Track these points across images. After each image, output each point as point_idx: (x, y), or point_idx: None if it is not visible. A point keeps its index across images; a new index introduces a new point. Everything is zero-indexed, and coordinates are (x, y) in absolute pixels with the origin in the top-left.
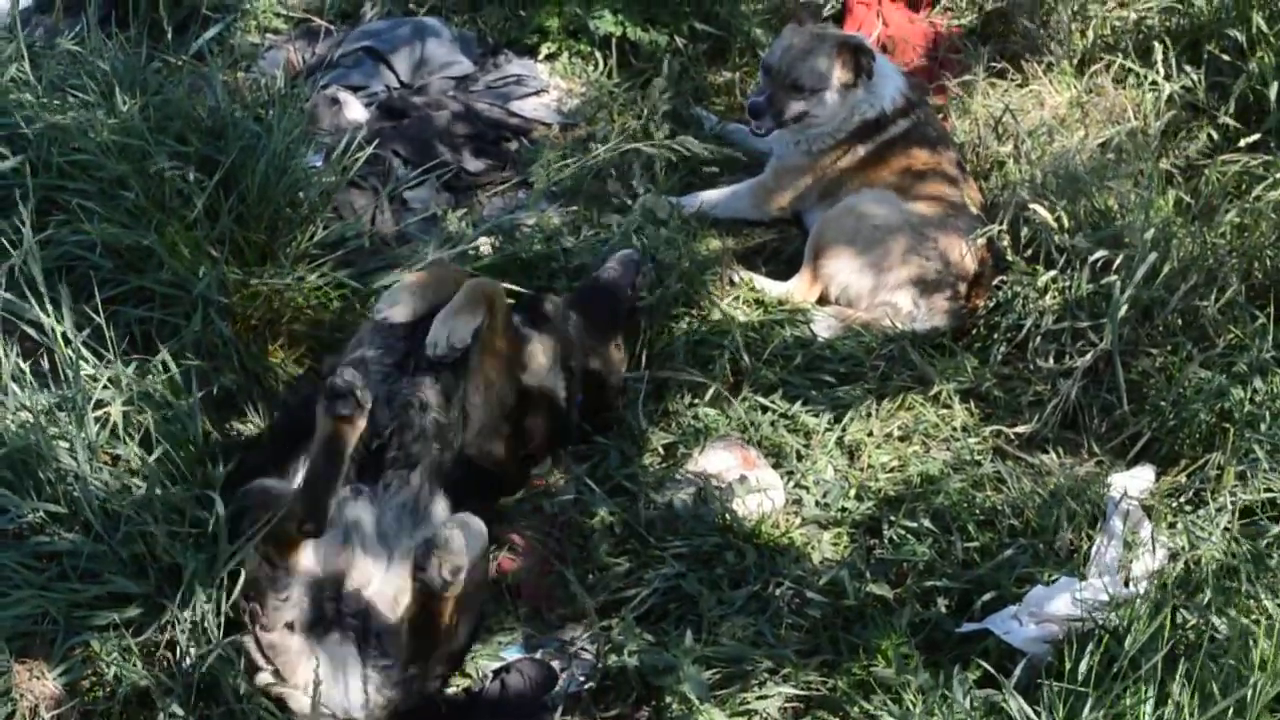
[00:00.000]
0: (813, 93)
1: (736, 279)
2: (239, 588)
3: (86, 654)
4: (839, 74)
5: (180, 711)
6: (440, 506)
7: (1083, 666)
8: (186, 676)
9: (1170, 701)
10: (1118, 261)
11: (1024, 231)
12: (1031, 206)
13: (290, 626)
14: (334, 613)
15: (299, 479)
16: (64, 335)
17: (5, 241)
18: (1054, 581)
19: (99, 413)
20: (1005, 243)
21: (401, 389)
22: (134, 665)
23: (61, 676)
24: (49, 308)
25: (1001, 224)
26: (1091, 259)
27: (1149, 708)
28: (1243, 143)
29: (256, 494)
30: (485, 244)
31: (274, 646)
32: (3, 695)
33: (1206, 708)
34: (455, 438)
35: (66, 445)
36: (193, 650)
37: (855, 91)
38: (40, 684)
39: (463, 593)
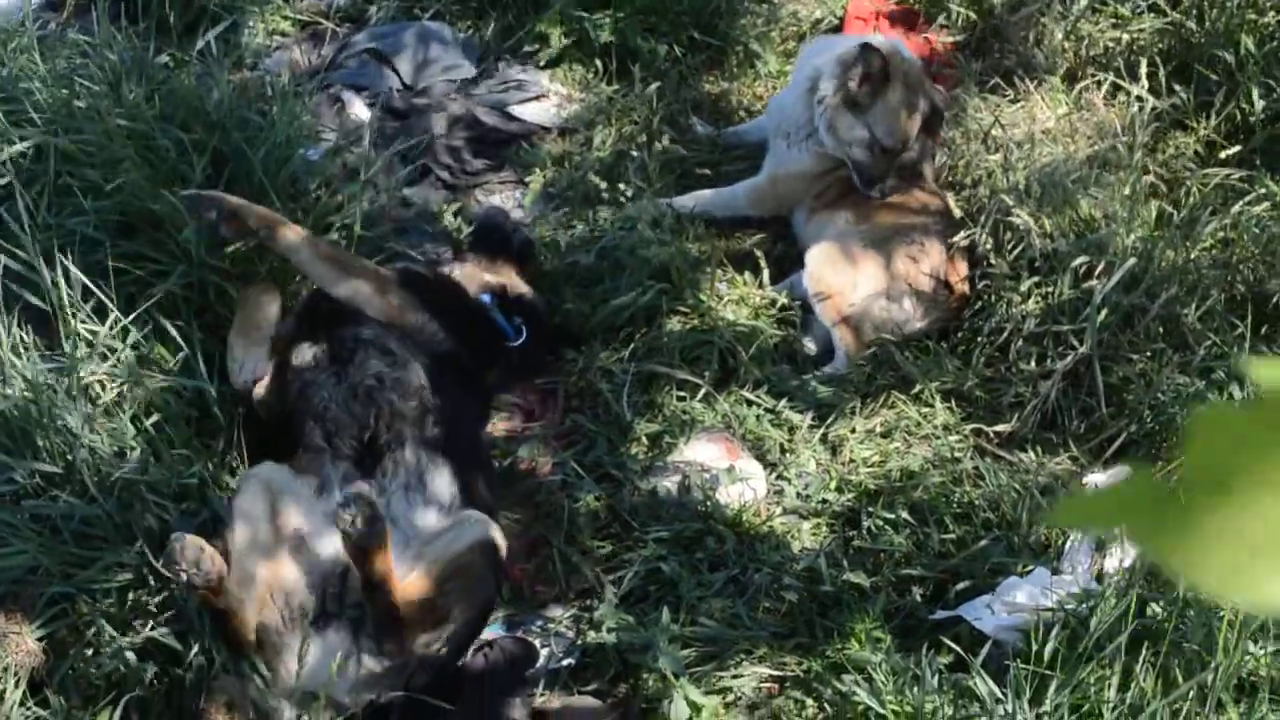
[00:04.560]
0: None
1: (726, 287)
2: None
3: (74, 614)
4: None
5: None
6: (441, 475)
7: (1049, 649)
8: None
9: (1134, 684)
10: (1099, 268)
11: (1006, 236)
12: (1014, 212)
13: (282, 619)
14: (336, 605)
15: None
16: (65, 301)
17: (10, 221)
18: (1028, 573)
19: (98, 374)
20: (988, 246)
21: (354, 379)
22: (114, 632)
23: (42, 629)
24: (55, 275)
25: (984, 227)
26: (1073, 264)
27: (1113, 689)
28: (1224, 154)
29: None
30: None
31: (261, 639)
32: None
33: (1169, 691)
34: (424, 387)
35: (63, 409)
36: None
37: None
38: (20, 640)
39: (449, 578)
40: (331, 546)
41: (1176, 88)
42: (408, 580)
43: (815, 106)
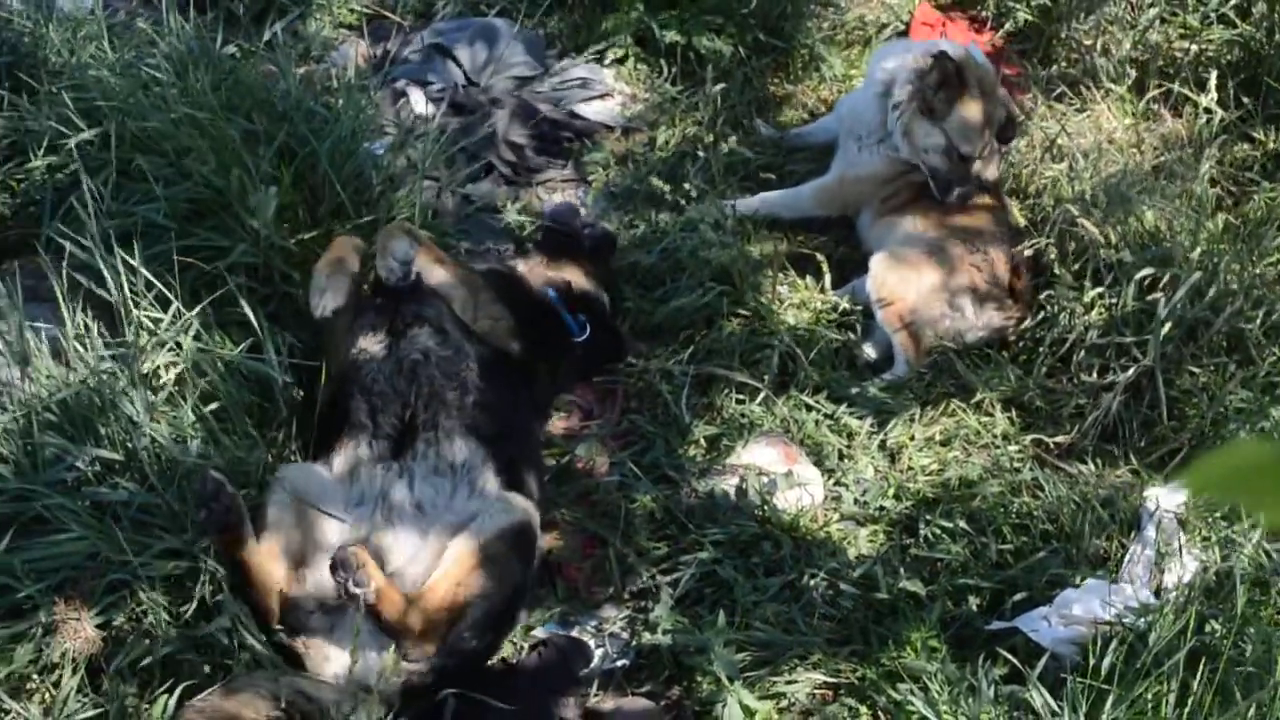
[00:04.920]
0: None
1: (787, 290)
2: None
3: (131, 602)
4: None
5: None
6: (475, 461)
7: (1106, 663)
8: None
9: (1191, 700)
10: (1164, 280)
11: (1071, 246)
12: (1081, 222)
13: (313, 608)
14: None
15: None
16: (128, 289)
17: (78, 207)
18: (1085, 584)
19: (161, 362)
20: (1053, 256)
21: (402, 352)
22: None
23: (100, 616)
24: (116, 264)
25: (1049, 237)
26: (1138, 276)
27: (1170, 705)
28: None
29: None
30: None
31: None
32: (47, 633)
33: (1227, 708)
34: (468, 369)
35: (125, 397)
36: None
37: None
38: (78, 627)
39: (468, 572)
40: (356, 534)
41: (1245, 100)
42: (427, 585)
43: (889, 112)
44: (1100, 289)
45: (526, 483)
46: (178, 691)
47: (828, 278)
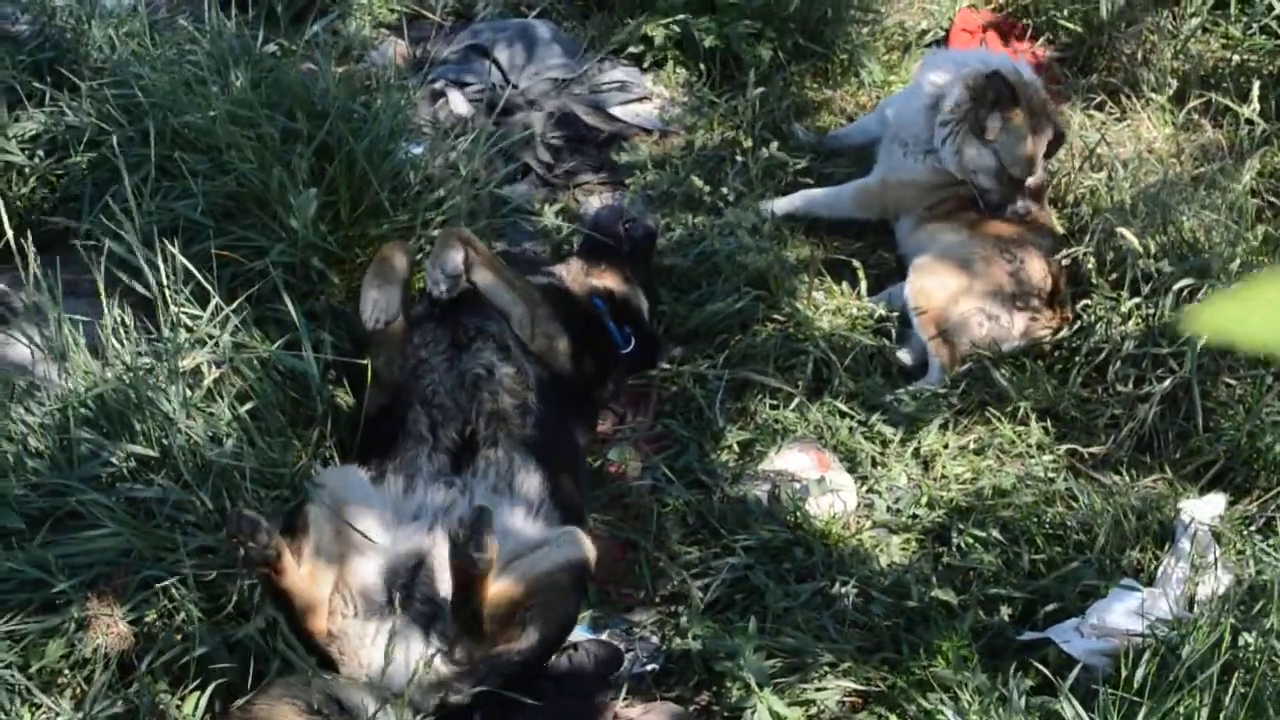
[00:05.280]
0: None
1: (823, 296)
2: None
3: (164, 599)
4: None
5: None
6: (532, 479)
7: (1139, 675)
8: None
9: (1223, 714)
10: (1202, 290)
11: (1109, 256)
12: (1119, 231)
13: (354, 613)
14: (404, 598)
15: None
16: (167, 284)
17: (114, 204)
18: (1112, 591)
19: (198, 359)
20: (1090, 265)
21: (465, 365)
22: (199, 618)
23: (132, 612)
24: (157, 261)
25: (1088, 246)
26: (1176, 286)
27: (1203, 718)
28: None
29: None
30: (579, 239)
31: (332, 634)
32: (79, 629)
33: None
34: (528, 388)
35: (161, 394)
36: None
37: None
38: (111, 623)
39: (534, 594)
40: (407, 544)
41: None
42: (492, 590)
43: (937, 127)
44: (1138, 299)
45: (580, 507)
46: (209, 690)
47: (863, 284)
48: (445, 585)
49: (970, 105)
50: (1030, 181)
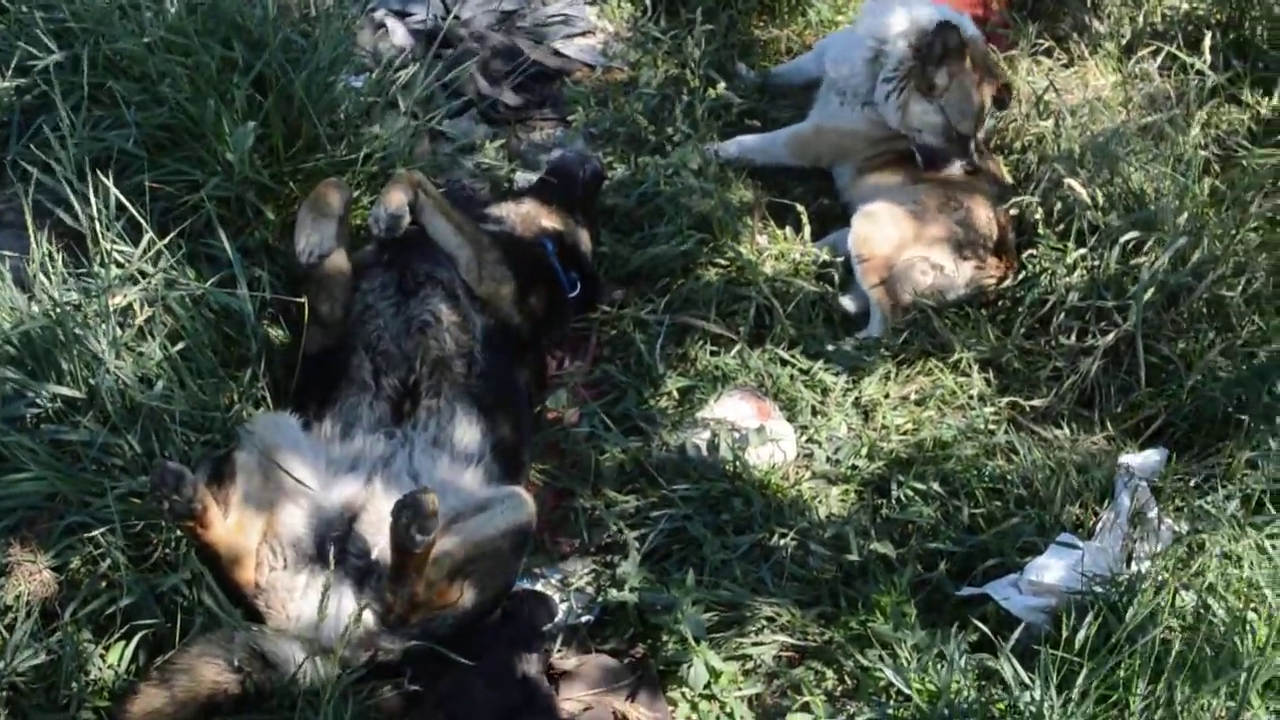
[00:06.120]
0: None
1: (766, 240)
2: None
3: (89, 545)
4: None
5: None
6: (472, 431)
7: (1080, 637)
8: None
9: (1163, 679)
10: (1149, 244)
11: (1056, 206)
12: (1067, 182)
13: (283, 565)
14: (338, 551)
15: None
16: (98, 218)
17: (48, 133)
18: (1051, 546)
19: (130, 297)
20: (1038, 216)
21: (412, 311)
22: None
23: (55, 559)
24: (88, 193)
25: (1034, 195)
26: (1123, 239)
27: (1143, 683)
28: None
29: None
30: (521, 177)
31: (259, 585)
32: (1, 575)
33: (1200, 687)
34: (474, 338)
35: (90, 332)
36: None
37: None
38: (32, 570)
39: (474, 560)
40: (341, 495)
41: (1234, 62)
42: (432, 552)
43: (880, 82)
44: (1083, 250)
45: (522, 460)
46: (134, 641)
47: (807, 229)
48: (381, 540)
49: (916, 62)
50: (977, 134)
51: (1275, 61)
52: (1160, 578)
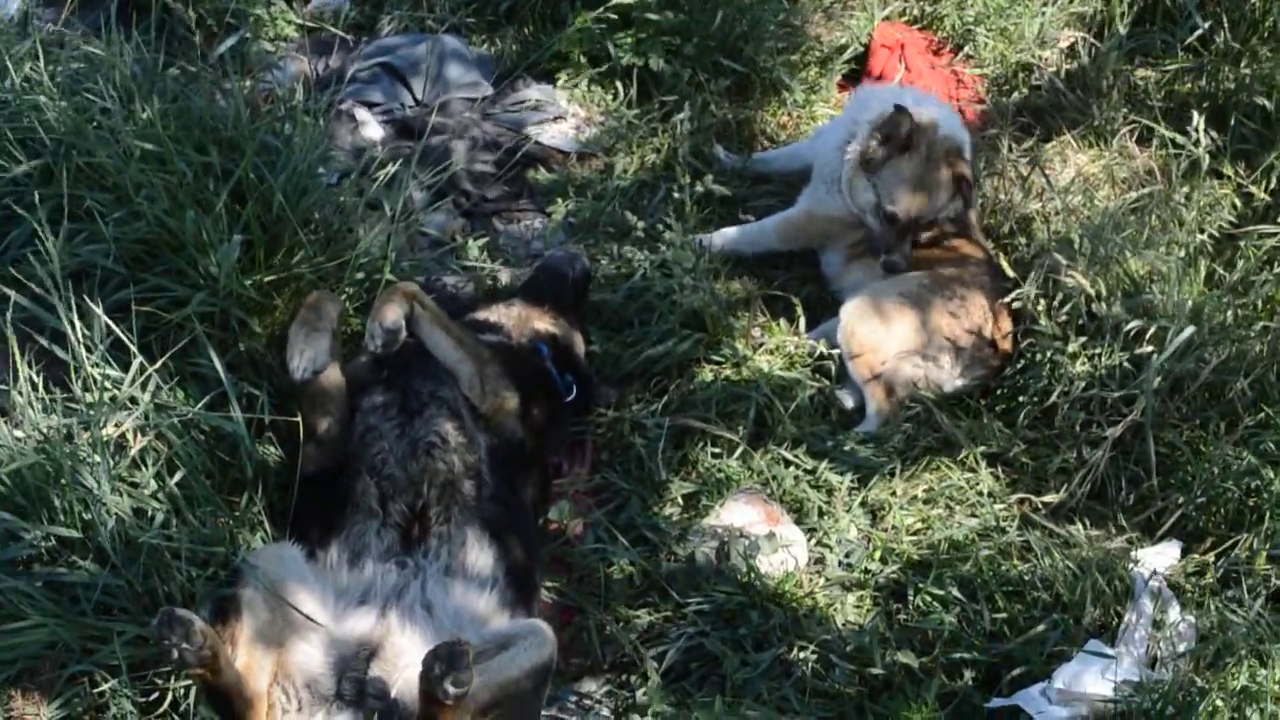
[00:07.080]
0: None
1: (760, 332)
2: None
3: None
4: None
5: None
6: (484, 556)
7: None
8: None
9: None
10: (1150, 332)
11: (1058, 298)
12: (1068, 274)
13: (296, 708)
14: (354, 691)
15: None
16: (84, 343)
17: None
18: (1078, 655)
19: (123, 427)
20: (1040, 307)
21: (417, 433)
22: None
23: (60, 710)
24: (71, 316)
25: (1033, 286)
26: (1126, 329)
27: None
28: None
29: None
30: (505, 274)
31: None
32: None
33: None
34: (480, 459)
35: (84, 466)
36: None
37: None
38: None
39: (499, 702)
40: (355, 630)
41: (1212, 134)
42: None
43: (844, 162)
44: (1084, 338)
45: (534, 581)
46: None
47: (802, 320)
48: (400, 678)
49: (866, 138)
50: (972, 217)
51: (1254, 135)
52: (1189, 683)
